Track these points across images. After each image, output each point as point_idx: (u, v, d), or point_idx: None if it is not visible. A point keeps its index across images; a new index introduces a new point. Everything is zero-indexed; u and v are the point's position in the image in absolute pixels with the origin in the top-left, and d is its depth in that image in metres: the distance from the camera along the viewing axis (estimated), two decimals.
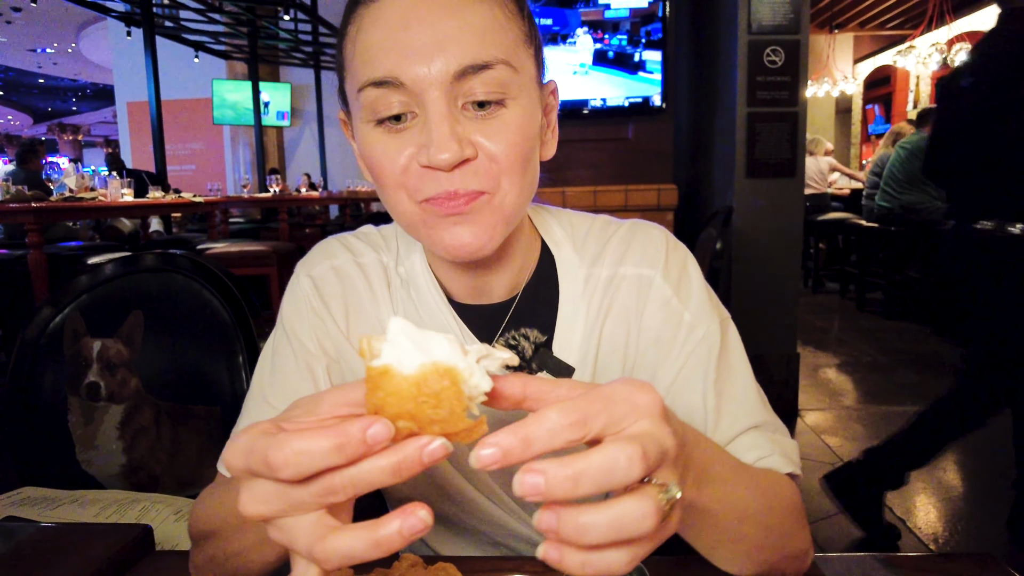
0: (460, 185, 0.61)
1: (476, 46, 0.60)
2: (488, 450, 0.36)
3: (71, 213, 3.85)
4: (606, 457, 0.36)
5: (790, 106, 3.28)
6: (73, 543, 0.70)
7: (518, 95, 0.63)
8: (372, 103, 0.61)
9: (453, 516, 0.80)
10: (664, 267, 0.75)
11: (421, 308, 0.76)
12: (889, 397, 3.73)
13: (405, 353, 0.38)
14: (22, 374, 1.18)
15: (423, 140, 0.60)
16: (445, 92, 0.59)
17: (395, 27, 0.60)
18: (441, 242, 0.64)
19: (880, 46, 10.73)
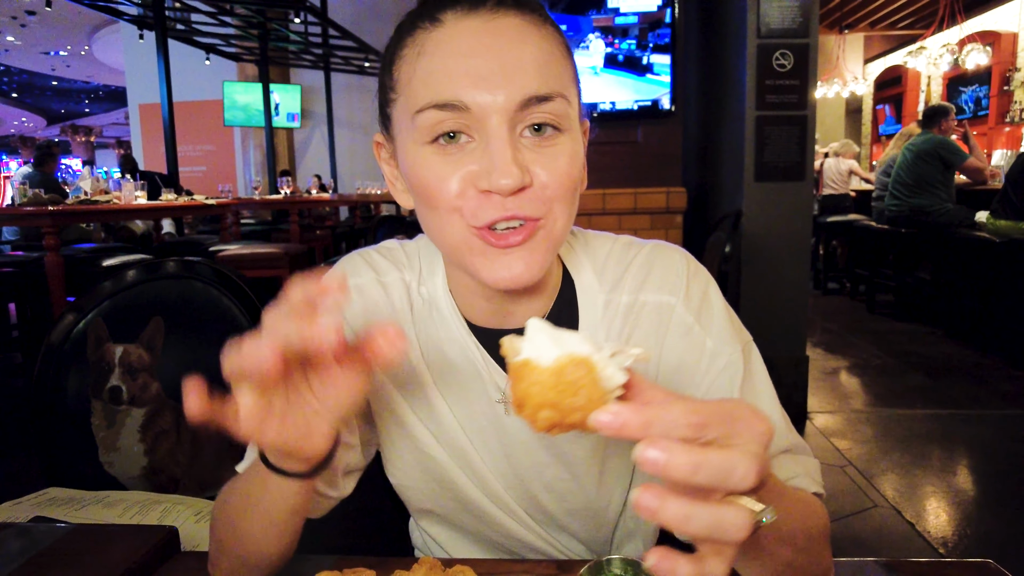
0: (518, 210, 0.62)
1: (539, 78, 0.62)
2: (607, 416, 0.39)
3: (87, 216, 3.90)
4: (728, 459, 0.39)
5: (799, 109, 3.29)
6: (101, 544, 0.72)
7: (570, 128, 0.65)
8: (431, 125, 0.62)
9: (470, 526, 0.82)
10: (685, 294, 0.75)
11: (442, 330, 0.77)
12: (899, 400, 3.72)
13: (543, 348, 0.41)
14: (47, 378, 1.21)
15: (484, 165, 0.61)
16: (508, 119, 0.61)
17: (462, 53, 0.62)
18: (491, 272, 0.65)
19: (890, 46, 10.69)
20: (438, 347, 0.77)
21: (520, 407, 0.42)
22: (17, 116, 22.64)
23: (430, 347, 0.77)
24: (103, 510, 1.05)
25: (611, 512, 0.81)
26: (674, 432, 0.39)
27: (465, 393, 0.76)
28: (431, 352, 0.77)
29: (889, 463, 2.93)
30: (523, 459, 0.77)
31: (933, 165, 5.08)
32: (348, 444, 0.76)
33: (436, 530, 0.87)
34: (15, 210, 3.69)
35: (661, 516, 0.38)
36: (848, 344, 4.89)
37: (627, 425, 0.39)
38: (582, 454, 0.76)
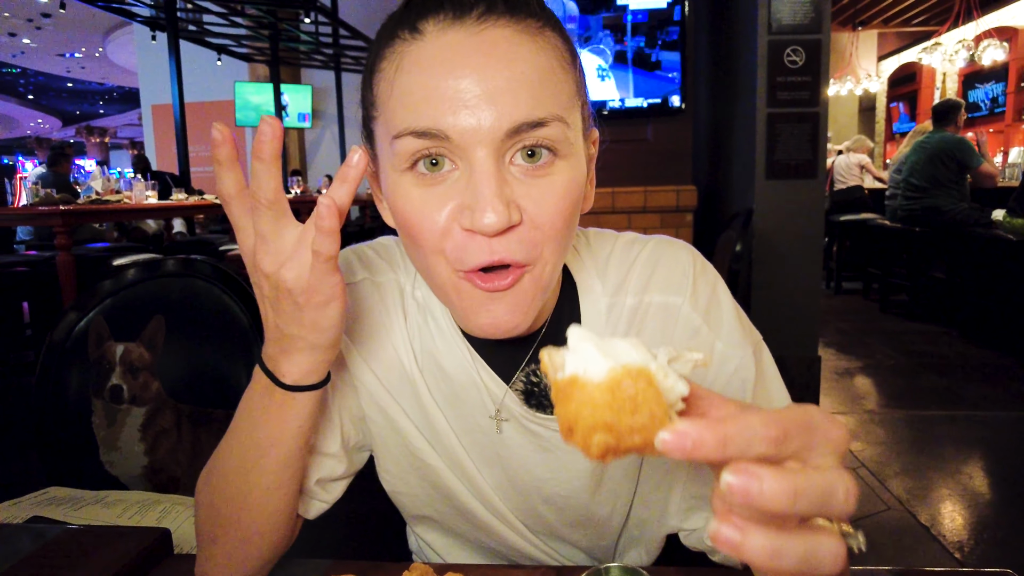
0: (504, 254, 0.57)
1: (531, 101, 0.55)
2: (676, 435, 0.33)
3: (97, 216, 3.93)
4: (828, 481, 0.34)
5: (811, 106, 3.24)
6: (93, 546, 0.71)
7: (568, 153, 0.59)
8: (411, 152, 0.56)
9: (467, 532, 0.80)
10: (692, 293, 0.71)
11: (437, 339, 0.73)
12: (913, 401, 3.67)
13: (590, 360, 0.35)
14: (49, 376, 1.21)
15: (466, 200, 0.56)
16: (494, 149, 0.55)
17: (441, 72, 0.55)
18: (476, 321, 0.60)
19: (905, 43, 10.56)
20: (433, 356, 0.74)
21: (570, 432, 0.35)
22: (33, 118, 22.92)
23: (425, 355, 0.74)
24: (102, 510, 1.04)
25: (614, 522, 0.78)
26: (754, 448, 0.34)
27: (461, 405, 0.73)
28: (426, 361, 0.74)
29: (903, 465, 2.89)
30: (521, 474, 0.74)
31: (948, 165, 5.01)
32: (328, 454, 0.74)
33: (432, 536, 0.85)
34: (28, 210, 3.72)
35: (746, 552, 0.33)
36: (861, 344, 4.83)
37: (701, 445, 0.33)
38: (582, 466, 0.73)
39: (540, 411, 0.71)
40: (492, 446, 0.74)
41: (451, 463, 0.75)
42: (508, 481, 0.75)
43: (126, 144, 24.31)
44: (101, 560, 0.67)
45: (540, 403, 0.72)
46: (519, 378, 0.72)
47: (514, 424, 0.72)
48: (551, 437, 0.72)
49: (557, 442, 0.72)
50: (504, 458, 0.74)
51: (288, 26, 7.94)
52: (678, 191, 3.42)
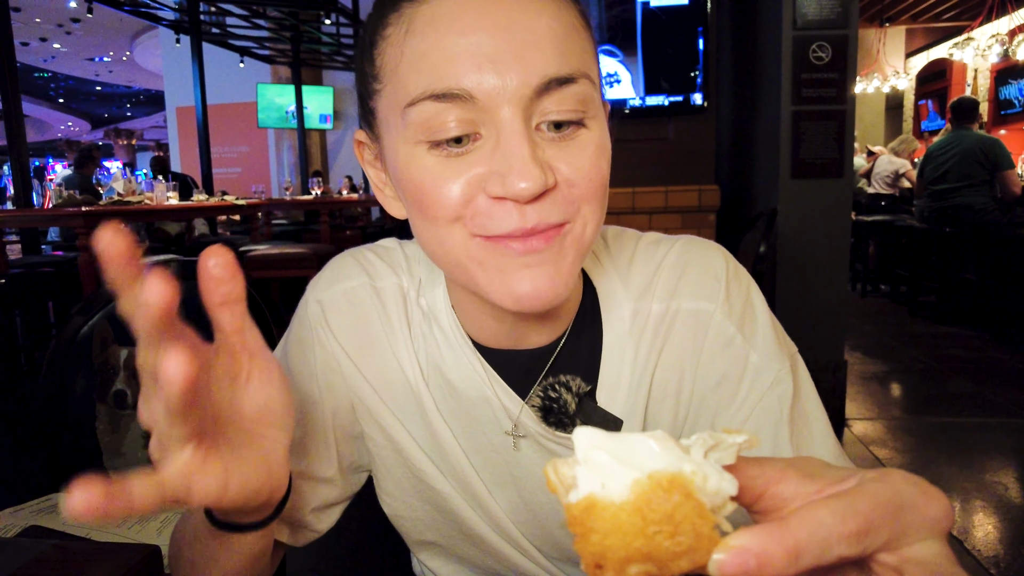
0: (540, 219, 0.51)
1: (559, 55, 0.51)
2: (733, 556, 0.27)
3: (117, 217, 3.96)
4: None
5: (838, 104, 3.15)
6: (80, 563, 0.68)
7: (596, 113, 0.55)
8: (427, 120, 0.51)
9: (475, 559, 0.75)
10: (725, 300, 0.65)
11: (444, 349, 0.67)
12: (943, 407, 3.55)
13: (608, 473, 0.28)
14: (54, 380, 1.19)
15: (495, 166, 0.51)
16: (523, 109, 0.50)
17: (461, 29, 0.50)
18: (508, 289, 0.53)
19: (934, 39, 10.33)
20: (438, 367, 0.68)
21: (598, 569, 0.28)
22: (63, 121, 23.41)
23: (431, 367, 0.68)
24: None
25: None
26: (833, 551, 0.28)
27: (470, 421, 0.68)
28: (432, 372, 0.68)
29: (933, 474, 2.79)
30: (538, 495, 0.68)
31: (982, 164, 4.88)
32: (323, 479, 0.69)
33: (437, 563, 0.78)
34: (51, 211, 3.77)
35: None
36: (888, 348, 4.71)
37: (768, 561, 0.27)
38: None
39: (560, 429, 0.65)
40: (505, 466, 0.68)
41: (459, 485, 0.70)
42: (522, 504, 0.69)
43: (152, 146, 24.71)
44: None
45: (560, 421, 0.66)
46: (536, 393, 0.66)
47: (531, 442, 0.66)
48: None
49: None
50: (519, 479, 0.68)
51: (309, 28, 7.98)
52: (700, 191, 3.35)
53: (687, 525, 0.27)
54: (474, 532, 0.71)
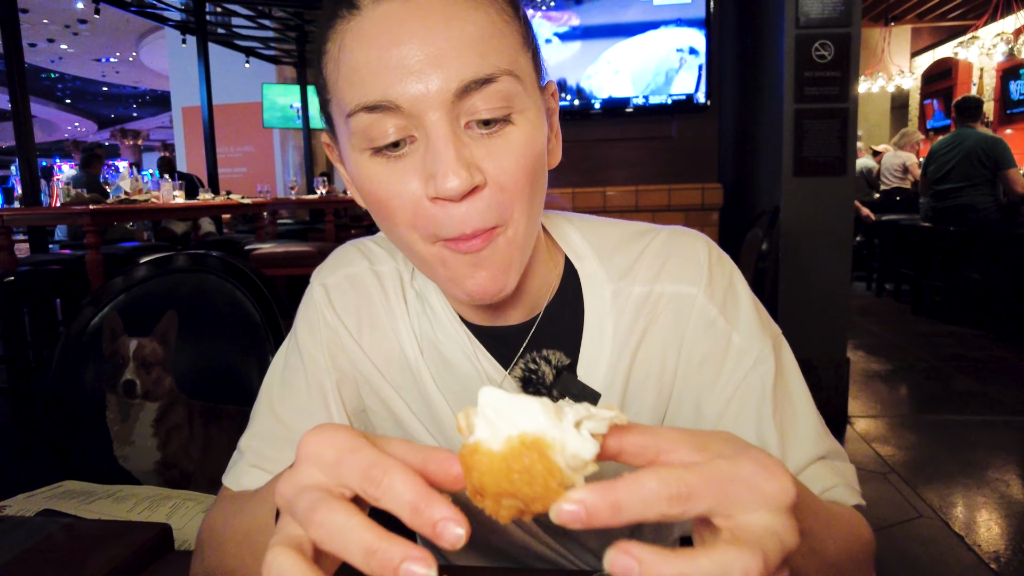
0: (475, 223, 0.56)
1: (477, 58, 0.54)
2: (571, 506, 0.32)
3: (126, 215, 4.00)
4: (718, 565, 0.31)
5: (840, 102, 3.16)
6: (94, 540, 0.71)
7: (524, 107, 0.58)
8: (365, 129, 0.56)
9: (475, 532, 0.77)
10: (708, 283, 0.68)
11: (436, 326, 0.72)
12: (946, 405, 3.56)
13: (494, 427, 0.35)
14: (65, 371, 1.22)
15: (429, 169, 0.55)
16: (447, 112, 0.54)
17: (384, 44, 0.54)
18: (463, 287, 0.60)
19: (940, 38, 10.30)
20: (432, 342, 0.72)
21: (478, 496, 0.36)
22: (71, 121, 23.53)
23: (426, 342, 0.73)
24: (113, 504, 1.04)
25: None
26: (651, 511, 0.32)
27: (464, 392, 0.72)
28: (428, 348, 0.73)
29: (935, 471, 2.80)
30: None
31: (984, 163, 4.88)
32: None
33: None
34: (60, 209, 3.80)
35: None
36: (892, 346, 4.71)
37: (595, 515, 0.32)
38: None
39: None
40: None
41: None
42: None
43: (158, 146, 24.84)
44: (100, 555, 0.67)
45: (538, 391, 0.69)
46: (519, 365, 0.70)
47: None
48: None
49: None
50: None
51: (314, 28, 8.02)
52: (703, 189, 3.36)
53: (540, 478, 0.33)
54: (472, 505, 0.73)
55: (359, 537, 0.33)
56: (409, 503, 0.34)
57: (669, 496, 0.32)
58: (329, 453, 0.37)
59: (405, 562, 0.32)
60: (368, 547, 0.33)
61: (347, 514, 0.34)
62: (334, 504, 0.35)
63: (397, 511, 0.34)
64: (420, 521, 0.34)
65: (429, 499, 0.34)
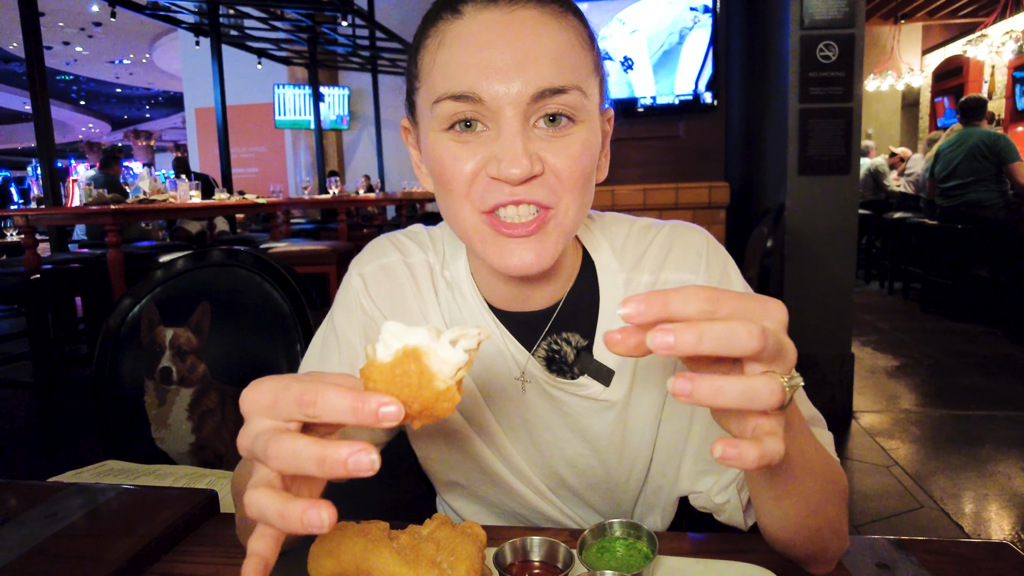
0: (524, 195, 0.65)
1: (554, 70, 0.64)
2: (630, 306, 0.42)
3: (145, 214, 4.10)
4: (729, 326, 0.41)
5: (844, 102, 3.21)
6: (151, 504, 0.79)
7: (586, 119, 0.67)
8: (448, 114, 0.65)
9: (493, 497, 0.86)
10: (705, 271, 0.77)
11: (464, 311, 0.80)
12: (952, 400, 3.60)
13: (389, 347, 0.44)
14: (106, 359, 1.30)
15: (495, 152, 0.64)
16: (521, 111, 0.63)
17: (478, 45, 0.64)
18: (501, 259, 0.68)
19: (950, 36, 10.27)
20: (460, 325, 0.80)
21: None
22: (85, 123, 23.80)
23: (454, 327, 0.81)
24: (155, 480, 1.13)
25: (631, 486, 0.83)
26: (690, 306, 0.42)
27: (488, 372, 0.80)
28: None
29: (938, 464, 2.84)
30: (544, 434, 0.81)
31: (989, 160, 4.91)
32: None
33: (460, 503, 0.90)
34: (82, 209, 3.90)
35: (695, 395, 0.41)
36: (898, 343, 4.75)
37: (650, 306, 0.42)
38: (603, 430, 0.79)
39: (560, 376, 0.79)
40: (518, 411, 0.80)
41: (480, 429, 0.81)
42: (532, 443, 0.81)
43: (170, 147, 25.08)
44: (159, 514, 0.75)
45: (560, 369, 0.79)
46: (541, 346, 0.79)
47: (536, 387, 0.79)
48: (570, 401, 0.79)
49: (575, 406, 0.79)
50: (528, 421, 0.80)
51: (326, 29, 8.11)
52: (710, 188, 3.42)
53: (415, 378, 0.42)
54: (492, 470, 0.82)
55: (309, 452, 0.39)
56: (348, 406, 0.40)
57: (703, 297, 0.42)
58: (265, 398, 0.43)
59: (352, 456, 0.39)
60: (319, 456, 0.39)
61: (293, 438, 0.41)
62: (281, 436, 0.41)
63: (339, 418, 0.40)
64: (362, 415, 0.40)
65: (362, 396, 0.40)
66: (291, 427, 0.43)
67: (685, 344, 0.40)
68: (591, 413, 0.79)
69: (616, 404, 0.78)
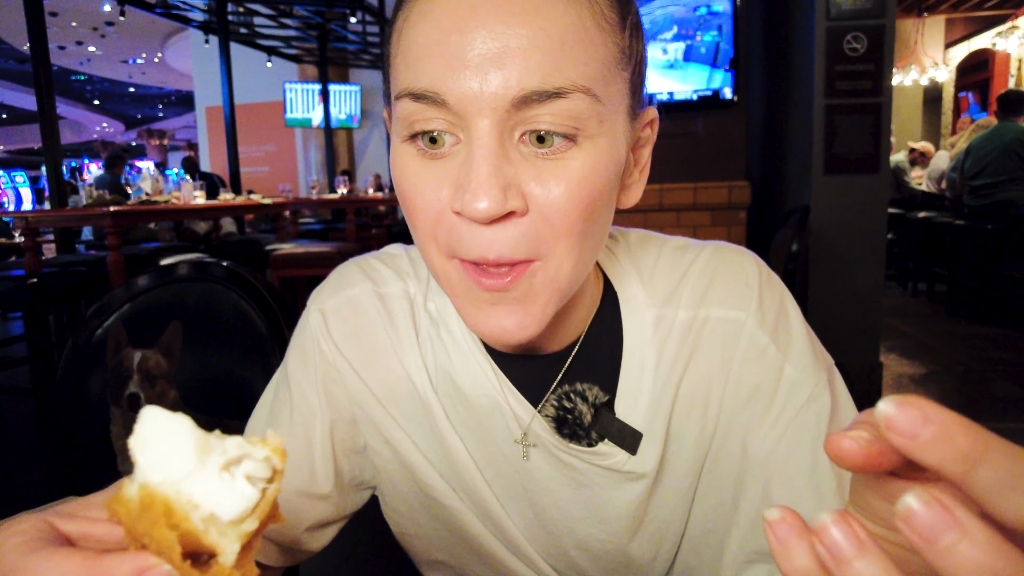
0: (501, 251, 0.48)
1: (549, 64, 0.45)
2: (904, 413, 0.25)
3: (146, 216, 4.01)
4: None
5: (873, 97, 3.05)
6: None
7: (596, 133, 0.48)
8: (407, 116, 0.49)
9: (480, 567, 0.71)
10: (758, 308, 0.60)
11: (454, 353, 0.64)
12: (986, 412, 3.42)
13: (139, 468, 0.30)
14: (70, 383, 1.18)
15: (460, 178, 0.48)
16: (498, 121, 0.46)
17: (447, 27, 0.46)
18: (474, 322, 0.52)
19: (975, 28, 9.99)
20: (448, 373, 0.64)
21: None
22: (99, 122, 23.98)
23: (440, 373, 0.65)
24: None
25: (657, 569, 0.67)
26: (948, 449, 0.24)
27: (482, 431, 0.64)
28: (441, 380, 0.65)
29: None
30: (552, 512, 0.64)
31: (1021, 157, 4.71)
32: (320, 496, 0.66)
33: None
34: (81, 211, 3.82)
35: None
36: (926, 349, 4.56)
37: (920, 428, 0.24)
38: (625, 507, 0.63)
39: (575, 441, 0.62)
40: (517, 478, 0.64)
41: (471, 500, 0.66)
42: (536, 520, 0.66)
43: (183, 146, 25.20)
44: None
45: (575, 433, 0.62)
46: (549, 401, 0.63)
47: (543, 453, 0.62)
48: (587, 471, 0.62)
49: (594, 476, 0.62)
50: (531, 492, 0.64)
51: (336, 26, 8.02)
52: (730, 187, 3.27)
53: (167, 544, 0.28)
54: (485, 550, 0.67)
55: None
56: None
57: (973, 438, 0.25)
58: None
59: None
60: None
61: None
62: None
63: None
64: None
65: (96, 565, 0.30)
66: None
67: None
68: (612, 487, 0.62)
69: (645, 476, 0.61)
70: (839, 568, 0.25)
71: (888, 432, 0.25)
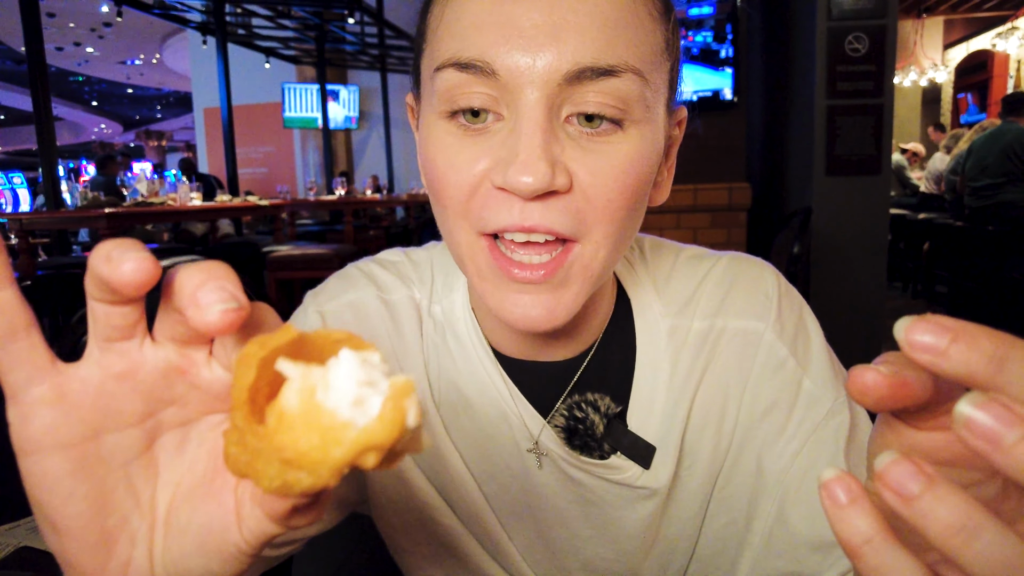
0: (539, 220, 0.46)
1: (603, 42, 0.45)
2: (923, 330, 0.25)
3: (141, 218, 3.98)
4: None
5: (875, 97, 3.02)
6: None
7: (642, 118, 0.48)
8: (449, 89, 0.47)
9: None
10: (776, 319, 0.59)
11: (460, 360, 0.61)
12: None
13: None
14: None
15: (506, 153, 0.46)
16: (548, 96, 0.45)
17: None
18: (501, 308, 0.50)
19: (974, 29, 9.98)
20: (452, 381, 0.62)
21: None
22: (97, 123, 23.93)
23: (443, 382, 0.62)
24: None
25: None
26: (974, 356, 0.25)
27: (486, 441, 0.61)
28: (443, 388, 0.62)
29: None
30: (556, 530, 0.61)
31: (1021, 158, 4.69)
32: None
33: None
34: (76, 213, 3.79)
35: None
36: None
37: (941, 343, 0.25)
38: (636, 526, 0.60)
39: (585, 454, 0.59)
40: (522, 493, 0.61)
41: (468, 519, 0.63)
42: (539, 538, 0.63)
43: (182, 147, 25.17)
44: None
45: (586, 444, 0.59)
46: (560, 412, 0.60)
47: (551, 467, 0.60)
48: (597, 487, 0.59)
49: (603, 493, 0.59)
50: (536, 509, 0.62)
51: (334, 27, 7.99)
52: (730, 189, 3.24)
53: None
54: (483, 572, 0.64)
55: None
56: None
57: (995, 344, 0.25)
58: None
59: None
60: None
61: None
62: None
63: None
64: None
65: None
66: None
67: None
68: (623, 504, 0.59)
69: (658, 492, 0.58)
70: (909, 507, 0.24)
71: (913, 352, 0.25)
